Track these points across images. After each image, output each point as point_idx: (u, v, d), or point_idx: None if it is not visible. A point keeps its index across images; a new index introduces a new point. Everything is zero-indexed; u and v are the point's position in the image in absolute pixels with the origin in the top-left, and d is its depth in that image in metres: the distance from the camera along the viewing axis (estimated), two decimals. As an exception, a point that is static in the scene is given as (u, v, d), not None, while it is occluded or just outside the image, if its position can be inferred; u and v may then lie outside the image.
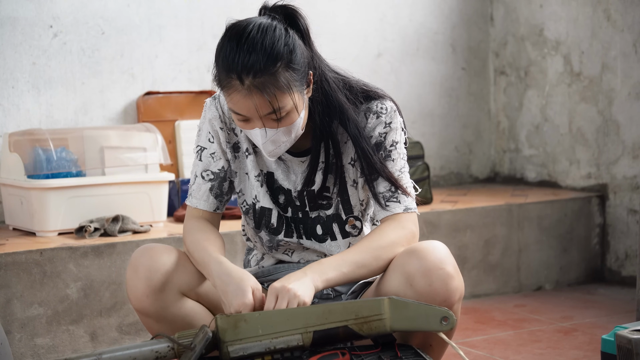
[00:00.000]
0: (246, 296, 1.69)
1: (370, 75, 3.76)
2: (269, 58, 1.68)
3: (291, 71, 1.71)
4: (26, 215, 2.81)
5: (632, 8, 3.42)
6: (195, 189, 1.92)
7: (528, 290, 3.42)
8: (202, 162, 1.92)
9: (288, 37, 1.72)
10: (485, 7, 4.03)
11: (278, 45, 1.70)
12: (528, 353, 2.58)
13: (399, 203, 1.84)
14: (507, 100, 4.01)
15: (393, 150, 1.86)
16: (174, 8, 3.37)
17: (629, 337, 1.87)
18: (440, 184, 3.98)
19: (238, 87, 1.70)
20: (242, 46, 1.69)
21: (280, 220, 1.92)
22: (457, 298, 1.75)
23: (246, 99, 1.71)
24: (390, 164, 1.86)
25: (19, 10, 3.11)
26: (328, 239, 1.92)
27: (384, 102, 1.87)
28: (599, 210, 3.56)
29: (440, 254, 1.74)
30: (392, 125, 1.86)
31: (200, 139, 1.93)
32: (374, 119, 1.86)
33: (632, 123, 3.46)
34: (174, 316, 1.83)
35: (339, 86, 1.85)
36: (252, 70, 1.68)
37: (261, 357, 1.63)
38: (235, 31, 1.72)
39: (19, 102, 3.12)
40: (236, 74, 1.69)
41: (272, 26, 1.72)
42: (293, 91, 1.72)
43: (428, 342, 1.78)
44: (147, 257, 1.81)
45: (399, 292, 1.75)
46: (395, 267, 1.78)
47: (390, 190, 1.85)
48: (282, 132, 1.76)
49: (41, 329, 2.57)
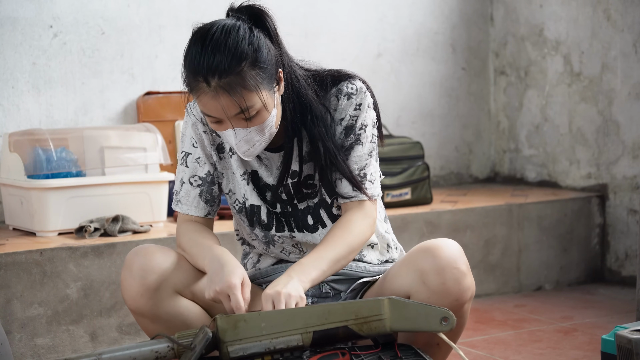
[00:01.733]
0: (232, 278, 1.69)
1: (370, 75, 3.76)
2: (233, 58, 1.70)
3: (258, 70, 1.72)
4: (26, 215, 2.81)
5: (632, 8, 3.42)
6: (183, 195, 1.93)
7: (528, 290, 3.42)
8: (189, 167, 1.93)
9: (252, 36, 1.74)
10: (485, 7, 4.03)
11: (242, 45, 1.71)
12: (528, 353, 2.58)
13: (366, 189, 1.87)
14: (507, 100, 4.01)
15: (362, 133, 1.87)
16: (174, 8, 3.37)
17: (629, 337, 1.87)
18: (440, 184, 3.98)
19: (205, 89, 1.72)
20: (207, 48, 1.71)
21: (270, 216, 1.92)
22: (469, 297, 1.76)
23: (214, 100, 1.72)
24: (359, 147, 1.86)
25: (19, 10, 3.11)
26: (319, 228, 1.93)
27: (354, 82, 1.88)
28: (599, 210, 3.56)
29: (454, 252, 1.75)
30: (362, 107, 1.87)
31: (184, 144, 1.94)
32: (345, 100, 1.87)
33: (632, 123, 3.46)
34: (169, 315, 1.83)
35: (308, 83, 1.86)
36: (217, 71, 1.69)
37: (261, 357, 1.63)
38: (200, 34, 1.74)
39: (19, 102, 3.12)
40: (202, 76, 1.71)
41: (235, 26, 1.73)
42: (261, 90, 1.73)
43: (435, 341, 1.78)
44: (142, 256, 1.82)
45: (411, 289, 1.76)
46: (408, 264, 1.78)
47: (358, 176, 1.87)
48: (254, 131, 1.77)
49: (41, 329, 2.57)
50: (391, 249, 2.01)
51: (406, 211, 3.24)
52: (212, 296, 1.72)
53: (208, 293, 1.72)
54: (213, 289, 1.71)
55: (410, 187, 3.35)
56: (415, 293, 1.75)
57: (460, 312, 1.78)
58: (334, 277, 1.95)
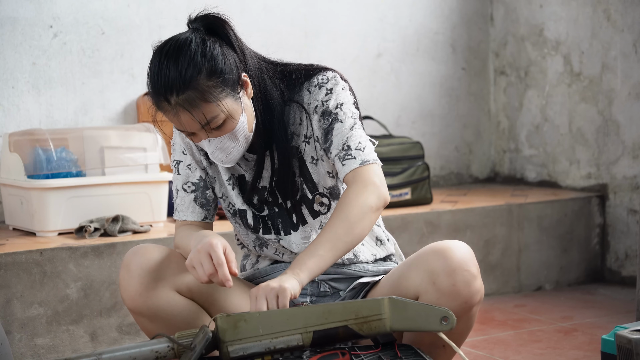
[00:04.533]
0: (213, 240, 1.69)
1: (370, 76, 3.76)
2: (187, 72, 1.71)
3: (215, 80, 1.73)
4: (26, 215, 2.81)
5: (632, 8, 3.42)
6: (179, 202, 1.94)
7: (528, 290, 3.42)
8: (181, 175, 1.94)
9: (206, 48, 1.74)
10: (485, 7, 4.03)
11: (195, 59, 1.72)
12: (528, 353, 2.58)
13: (355, 159, 1.82)
14: (507, 100, 4.01)
15: (339, 111, 1.85)
16: (174, 8, 3.37)
17: (629, 337, 1.87)
18: (440, 184, 3.98)
19: (167, 107, 1.73)
20: (162, 66, 1.73)
21: (256, 220, 1.93)
22: (478, 300, 1.76)
23: (177, 117, 1.74)
24: (338, 125, 1.84)
25: (19, 10, 3.11)
26: (300, 226, 1.92)
27: (325, 73, 1.88)
28: (599, 210, 3.56)
29: (466, 254, 1.75)
30: (334, 90, 1.85)
31: (174, 153, 1.96)
32: (317, 90, 1.86)
33: (632, 123, 3.46)
34: (168, 315, 1.83)
35: (275, 82, 1.85)
36: (174, 88, 1.71)
37: (261, 357, 1.63)
38: (156, 53, 1.76)
39: (19, 102, 3.12)
40: (162, 95, 1.73)
41: (187, 40, 1.74)
42: (221, 100, 1.74)
43: (440, 342, 1.77)
44: (140, 256, 1.82)
45: (420, 289, 1.76)
46: (417, 264, 1.78)
47: (342, 150, 1.83)
48: (227, 138, 1.78)
49: (41, 329, 2.57)
50: (382, 242, 2.00)
51: (406, 211, 3.24)
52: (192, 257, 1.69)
53: (189, 258, 1.71)
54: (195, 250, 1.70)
55: (410, 187, 3.35)
56: (425, 294, 1.75)
57: (469, 315, 1.78)
58: (332, 276, 1.94)
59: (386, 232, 2.02)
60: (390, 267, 1.99)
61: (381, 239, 2.00)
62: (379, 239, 1.99)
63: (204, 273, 1.69)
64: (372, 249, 1.98)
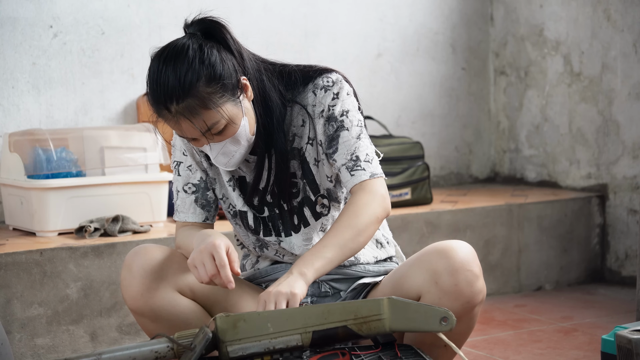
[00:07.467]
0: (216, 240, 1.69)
1: (370, 75, 3.76)
2: (185, 80, 1.70)
3: (215, 86, 1.72)
4: (26, 215, 2.82)
5: (632, 8, 3.42)
6: (180, 203, 1.94)
7: (528, 290, 3.42)
8: (181, 176, 1.94)
9: (203, 54, 1.73)
10: (485, 7, 4.03)
11: (193, 66, 1.71)
12: (528, 353, 2.58)
13: (364, 170, 1.83)
14: (507, 100, 4.01)
15: (345, 119, 1.85)
16: (174, 8, 3.37)
17: (629, 337, 1.87)
18: (440, 184, 3.98)
19: (167, 115, 1.73)
20: (160, 74, 1.72)
21: (257, 221, 1.92)
22: (480, 300, 1.76)
23: (178, 125, 1.74)
24: (345, 133, 1.84)
25: (19, 10, 3.11)
26: (302, 227, 1.92)
27: (329, 75, 1.87)
28: (599, 210, 3.56)
29: (468, 254, 1.75)
30: (340, 95, 1.85)
31: (175, 154, 1.96)
32: (322, 93, 1.85)
33: (632, 123, 3.46)
34: (169, 315, 1.83)
35: (274, 83, 1.85)
36: (173, 97, 1.70)
37: (261, 357, 1.63)
38: (154, 61, 1.75)
39: (19, 102, 3.12)
40: (162, 104, 1.72)
41: (184, 47, 1.73)
42: (222, 105, 1.73)
43: (441, 342, 1.77)
44: (141, 256, 1.82)
45: (422, 289, 1.76)
46: (420, 264, 1.78)
47: (351, 160, 1.83)
48: (229, 143, 1.78)
49: (41, 329, 2.57)
50: (383, 245, 2.00)
51: (406, 211, 3.24)
52: (195, 257, 1.70)
53: (191, 257, 1.71)
54: (197, 250, 1.70)
55: (410, 187, 3.35)
56: (427, 293, 1.75)
57: (470, 315, 1.78)
58: (333, 276, 1.95)
59: (386, 235, 2.02)
60: (391, 267, 1.99)
61: (381, 242, 2.00)
62: (379, 242, 2.00)
63: (205, 274, 1.70)
64: (373, 251, 1.98)
